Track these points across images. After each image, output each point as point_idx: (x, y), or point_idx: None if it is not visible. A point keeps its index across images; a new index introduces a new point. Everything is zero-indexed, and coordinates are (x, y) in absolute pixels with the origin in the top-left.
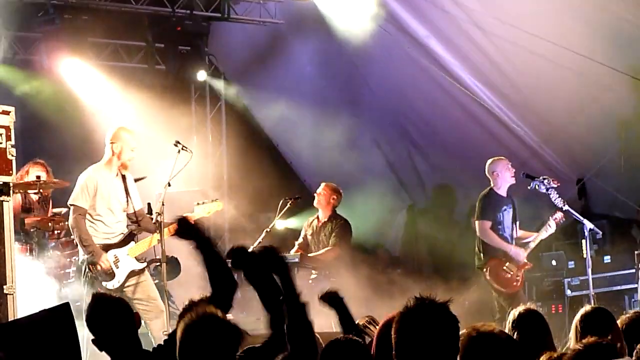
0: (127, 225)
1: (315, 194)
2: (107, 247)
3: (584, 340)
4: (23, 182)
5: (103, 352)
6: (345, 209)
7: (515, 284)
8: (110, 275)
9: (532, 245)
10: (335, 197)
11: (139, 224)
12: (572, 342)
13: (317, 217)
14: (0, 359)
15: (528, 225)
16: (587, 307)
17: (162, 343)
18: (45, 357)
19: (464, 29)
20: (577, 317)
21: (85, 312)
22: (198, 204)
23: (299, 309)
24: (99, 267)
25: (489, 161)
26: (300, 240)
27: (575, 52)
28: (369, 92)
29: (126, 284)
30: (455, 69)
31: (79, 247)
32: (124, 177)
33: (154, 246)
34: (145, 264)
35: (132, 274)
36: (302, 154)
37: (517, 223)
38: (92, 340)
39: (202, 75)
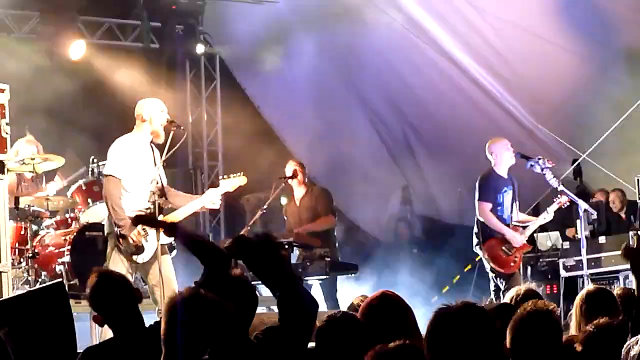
0: (156, 198)
1: (290, 176)
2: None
3: (595, 322)
4: (18, 160)
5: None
6: (341, 189)
7: (512, 264)
8: (140, 249)
9: (531, 229)
10: (306, 170)
11: (166, 198)
12: (573, 322)
13: (293, 198)
14: (3, 334)
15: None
16: (589, 287)
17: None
18: (41, 333)
19: (459, 8)
20: (579, 297)
21: (89, 289)
22: (223, 177)
23: (290, 281)
24: (130, 241)
25: (489, 142)
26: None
27: (570, 32)
28: (365, 73)
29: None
30: (451, 49)
31: (107, 218)
32: (152, 149)
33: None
34: (173, 239)
35: (162, 247)
36: (297, 134)
37: (517, 204)
38: (93, 317)
39: (200, 48)
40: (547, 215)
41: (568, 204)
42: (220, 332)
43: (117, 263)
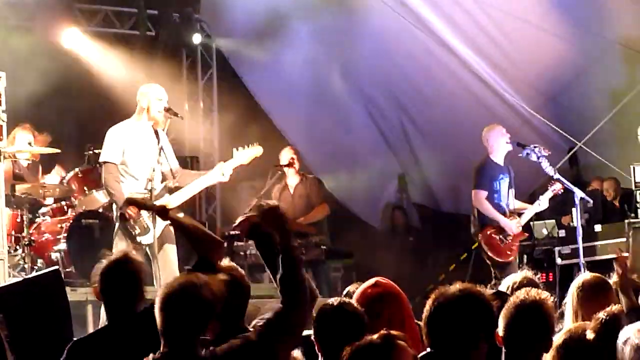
0: (162, 181)
1: (286, 164)
2: (127, 202)
3: (607, 310)
4: (15, 148)
5: None
6: (337, 177)
7: (508, 252)
8: (146, 230)
9: (526, 218)
10: (300, 158)
11: (173, 178)
12: (569, 310)
13: (286, 185)
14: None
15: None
16: (586, 275)
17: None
18: (37, 320)
19: None
20: (575, 284)
21: (104, 266)
22: (237, 149)
23: (293, 262)
24: (126, 215)
25: (484, 129)
26: None
27: (566, 21)
28: (361, 61)
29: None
30: (448, 38)
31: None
32: (156, 133)
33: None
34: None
35: (169, 234)
36: (293, 123)
37: (513, 192)
38: (98, 290)
39: (197, 38)
40: (541, 204)
41: (562, 191)
42: (213, 317)
43: (121, 247)
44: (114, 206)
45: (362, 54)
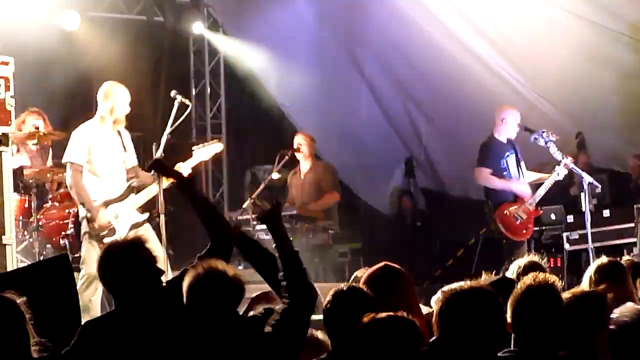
0: (128, 180)
1: (294, 149)
2: (107, 203)
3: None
4: (23, 133)
5: None
6: (344, 162)
7: (524, 231)
8: (111, 231)
9: (542, 191)
10: (314, 144)
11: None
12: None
13: (299, 170)
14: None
15: None
16: (602, 259)
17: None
18: (44, 306)
19: None
20: (592, 268)
21: (100, 257)
22: (198, 147)
23: (292, 257)
24: (96, 225)
25: (502, 106)
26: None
27: (575, 6)
28: (366, 45)
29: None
30: (453, 24)
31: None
32: (119, 133)
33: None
34: (147, 216)
35: (134, 226)
36: (299, 107)
37: (523, 164)
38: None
39: (198, 27)
40: (560, 173)
41: (574, 163)
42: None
43: (89, 250)
44: (80, 206)
45: (366, 38)
